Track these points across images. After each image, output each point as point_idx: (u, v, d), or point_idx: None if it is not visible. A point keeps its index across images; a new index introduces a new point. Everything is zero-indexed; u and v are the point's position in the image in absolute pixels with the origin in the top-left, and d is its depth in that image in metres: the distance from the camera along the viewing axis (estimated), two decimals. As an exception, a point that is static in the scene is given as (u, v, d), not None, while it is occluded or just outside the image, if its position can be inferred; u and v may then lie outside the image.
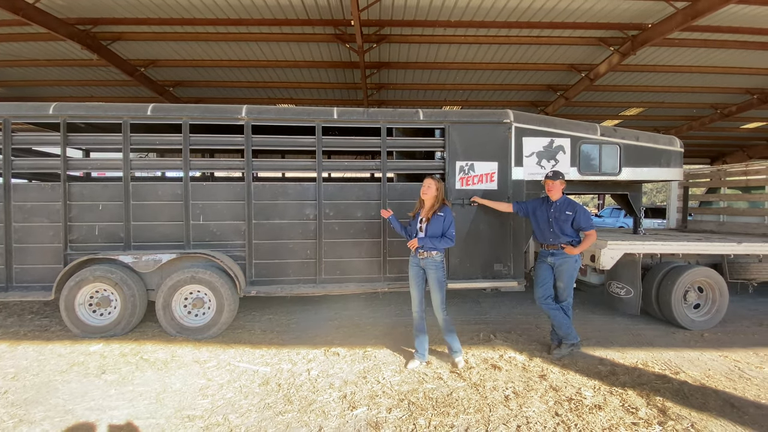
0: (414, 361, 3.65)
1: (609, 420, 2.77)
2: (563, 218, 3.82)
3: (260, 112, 4.53)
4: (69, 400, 2.98)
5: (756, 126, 14.57)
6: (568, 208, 3.85)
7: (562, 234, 3.83)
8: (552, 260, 3.90)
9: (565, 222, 3.82)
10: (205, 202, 4.47)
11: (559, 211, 3.86)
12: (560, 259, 3.86)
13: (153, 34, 8.02)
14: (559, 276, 3.90)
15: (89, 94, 11.35)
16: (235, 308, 4.36)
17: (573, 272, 3.89)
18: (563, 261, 3.85)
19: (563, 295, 3.93)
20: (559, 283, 3.92)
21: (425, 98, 11.91)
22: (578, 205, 3.86)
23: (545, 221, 3.92)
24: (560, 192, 3.92)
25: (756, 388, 3.28)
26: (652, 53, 8.80)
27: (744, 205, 6.78)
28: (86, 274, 4.17)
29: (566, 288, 3.90)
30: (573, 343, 3.88)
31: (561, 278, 3.89)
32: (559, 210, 3.86)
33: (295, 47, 8.64)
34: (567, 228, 3.83)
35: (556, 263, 3.89)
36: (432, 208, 3.62)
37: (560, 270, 3.88)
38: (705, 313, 4.87)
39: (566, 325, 3.87)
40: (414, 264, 3.72)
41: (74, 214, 4.35)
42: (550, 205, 3.93)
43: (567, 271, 3.85)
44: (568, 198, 3.96)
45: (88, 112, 4.43)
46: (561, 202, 3.88)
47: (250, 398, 3.04)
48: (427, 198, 3.64)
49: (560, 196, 3.92)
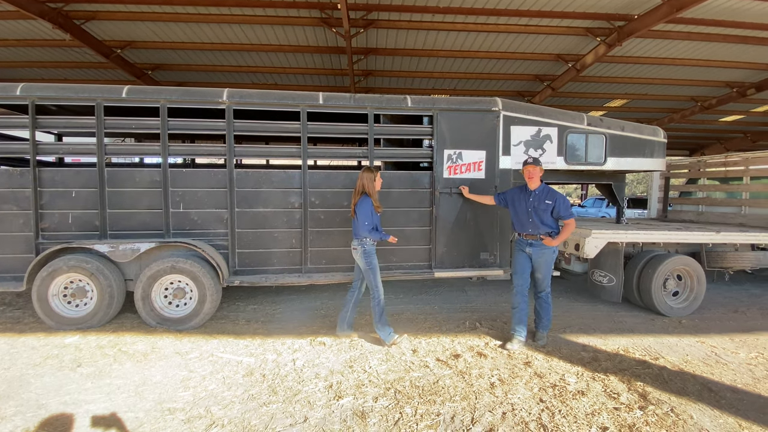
0: (396, 336, 3.85)
1: (592, 405, 2.81)
2: (543, 207, 3.74)
3: (242, 96, 4.37)
4: (42, 395, 2.86)
5: (734, 119, 14.94)
6: (548, 197, 3.76)
7: (542, 224, 3.76)
8: (530, 250, 3.84)
9: (544, 211, 3.74)
10: (186, 190, 4.33)
11: (538, 200, 3.77)
12: (538, 249, 3.80)
13: (129, 13, 7.63)
14: (537, 267, 3.86)
15: (63, 76, 10.81)
16: (217, 298, 4.26)
17: (551, 262, 3.86)
18: (542, 252, 3.80)
19: (542, 285, 3.90)
20: (538, 274, 3.88)
21: (413, 86, 11.79)
22: (558, 194, 3.78)
23: (524, 211, 3.83)
24: (539, 180, 3.84)
25: (732, 372, 3.38)
26: (638, 45, 8.86)
27: (722, 195, 6.96)
28: (59, 264, 4.00)
29: (544, 278, 3.87)
30: (547, 332, 3.96)
31: (539, 269, 3.86)
32: (538, 199, 3.77)
33: (280, 30, 8.38)
34: (547, 217, 3.75)
35: (534, 254, 3.83)
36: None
37: (538, 261, 3.83)
38: (683, 300, 5.00)
39: (547, 315, 3.89)
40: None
41: (46, 202, 4.15)
42: (528, 194, 3.83)
43: (545, 262, 3.82)
44: (548, 186, 3.88)
45: (58, 94, 4.20)
46: (540, 191, 3.80)
47: (233, 389, 2.98)
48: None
49: (539, 184, 3.83)
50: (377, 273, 3.77)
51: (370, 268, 3.74)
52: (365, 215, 3.66)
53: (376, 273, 3.76)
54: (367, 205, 3.69)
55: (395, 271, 4.69)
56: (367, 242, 3.72)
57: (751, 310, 5.21)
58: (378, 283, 3.78)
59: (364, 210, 3.67)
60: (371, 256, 3.74)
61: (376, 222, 3.77)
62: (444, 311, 4.92)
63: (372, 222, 3.69)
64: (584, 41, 8.78)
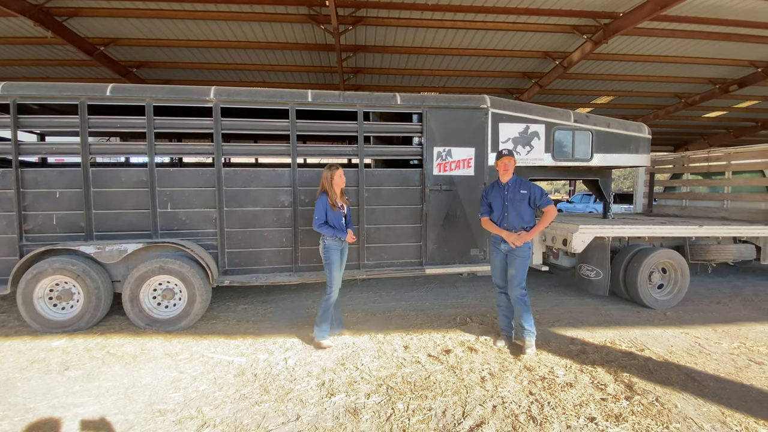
0: (326, 340, 3.78)
1: (580, 397, 2.87)
2: (519, 198, 3.61)
3: (230, 94, 4.33)
4: (30, 399, 2.82)
5: (717, 115, 15.26)
6: (522, 187, 3.65)
7: (519, 218, 3.62)
8: (505, 247, 3.69)
9: (521, 202, 3.61)
10: (173, 189, 4.28)
11: (513, 192, 3.64)
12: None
13: (112, 9, 7.48)
14: (511, 262, 3.68)
15: (45, 74, 10.56)
16: (207, 299, 4.23)
17: (526, 260, 3.67)
18: (516, 248, 3.62)
19: (514, 284, 3.64)
20: (511, 269, 3.68)
21: (403, 83, 11.80)
22: (531, 183, 3.69)
23: (500, 205, 3.69)
24: (512, 172, 3.70)
25: (715, 362, 3.48)
26: (623, 42, 9.00)
27: (705, 190, 7.12)
28: (44, 266, 3.92)
29: (517, 275, 3.64)
30: (532, 335, 3.64)
31: (513, 265, 3.66)
32: (512, 191, 3.64)
33: (267, 27, 8.30)
34: (524, 209, 3.62)
35: (509, 250, 3.68)
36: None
37: (512, 257, 3.65)
38: (668, 292, 5.11)
39: (528, 319, 3.63)
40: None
41: (29, 203, 4.07)
42: (502, 188, 3.70)
43: (520, 256, 3.63)
44: (519, 177, 3.76)
45: (41, 92, 4.11)
46: (513, 182, 3.68)
47: (224, 389, 2.96)
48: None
49: (511, 176, 3.70)
50: (333, 270, 3.71)
51: (327, 263, 3.72)
52: (316, 211, 3.69)
53: (332, 269, 3.71)
54: (320, 201, 3.70)
55: (386, 269, 4.71)
56: (326, 238, 3.71)
57: (734, 301, 5.35)
58: (333, 281, 3.72)
59: (317, 206, 3.70)
60: (329, 251, 3.71)
61: (334, 219, 3.70)
62: (435, 307, 4.95)
63: (321, 218, 3.67)
64: (571, 39, 8.88)
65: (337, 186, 3.77)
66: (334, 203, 3.71)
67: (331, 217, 3.71)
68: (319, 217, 3.69)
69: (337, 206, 3.74)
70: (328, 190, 3.72)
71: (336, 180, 3.75)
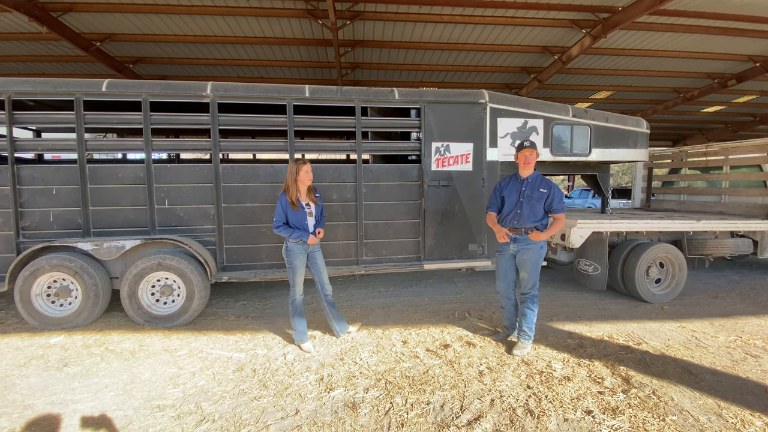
0: (306, 343, 3.61)
1: (577, 390, 2.88)
2: (537, 196, 3.37)
3: (227, 90, 4.30)
4: (28, 395, 2.82)
5: (715, 110, 15.25)
6: (543, 185, 3.40)
7: (532, 215, 3.38)
8: (514, 247, 3.45)
9: (538, 201, 3.37)
10: (171, 185, 4.26)
11: (531, 188, 3.39)
12: (523, 245, 3.41)
13: (108, 4, 7.41)
14: (521, 265, 3.45)
15: (41, 70, 10.49)
16: (206, 295, 4.23)
17: (538, 261, 3.43)
18: (528, 248, 3.40)
19: (527, 287, 3.47)
20: (523, 272, 3.46)
21: (401, 78, 11.74)
22: (553, 184, 3.42)
23: (515, 201, 3.43)
24: (533, 166, 3.47)
25: (711, 356, 3.50)
26: (622, 37, 8.96)
27: (703, 184, 7.13)
28: (42, 263, 3.91)
29: (530, 278, 3.43)
30: (528, 339, 3.54)
31: (524, 267, 3.44)
32: (531, 187, 3.40)
33: (265, 22, 8.24)
34: (539, 208, 3.39)
35: (519, 250, 3.44)
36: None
37: (523, 258, 3.42)
38: (665, 287, 5.13)
39: (529, 322, 3.50)
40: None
41: (26, 200, 4.05)
42: (521, 182, 3.45)
43: (531, 259, 3.40)
44: (542, 175, 3.51)
45: (36, 88, 4.07)
46: (534, 178, 3.43)
47: (223, 385, 2.97)
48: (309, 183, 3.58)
49: (533, 171, 3.47)
50: (296, 274, 3.51)
51: (289, 267, 3.50)
52: (275, 212, 3.44)
53: (294, 273, 3.51)
54: (279, 201, 3.45)
55: (385, 264, 4.71)
56: (289, 240, 3.46)
57: (731, 295, 5.38)
58: (294, 283, 3.54)
59: (276, 206, 3.44)
60: (291, 254, 3.47)
61: (296, 220, 3.44)
62: (434, 303, 4.97)
63: (280, 219, 3.42)
64: (570, 33, 8.84)
65: (302, 183, 3.47)
66: (293, 202, 3.40)
67: (292, 217, 3.42)
68: (278, 218, 3.41)
69: (298, 205, 3.43)
70: (290, 187, 3.41)
71: (301, 176, 3.43)
